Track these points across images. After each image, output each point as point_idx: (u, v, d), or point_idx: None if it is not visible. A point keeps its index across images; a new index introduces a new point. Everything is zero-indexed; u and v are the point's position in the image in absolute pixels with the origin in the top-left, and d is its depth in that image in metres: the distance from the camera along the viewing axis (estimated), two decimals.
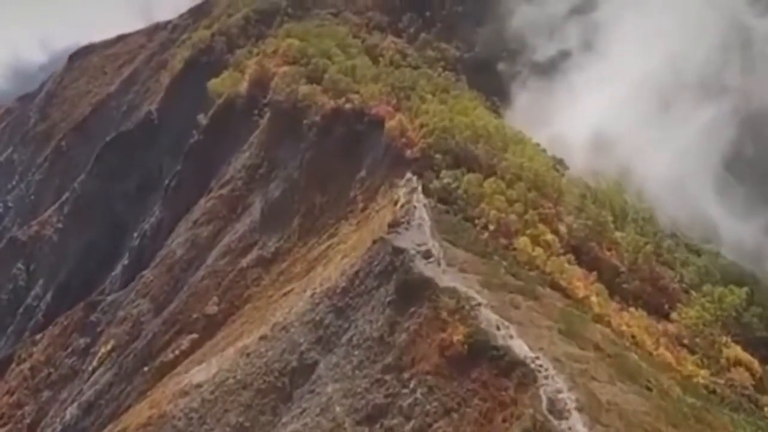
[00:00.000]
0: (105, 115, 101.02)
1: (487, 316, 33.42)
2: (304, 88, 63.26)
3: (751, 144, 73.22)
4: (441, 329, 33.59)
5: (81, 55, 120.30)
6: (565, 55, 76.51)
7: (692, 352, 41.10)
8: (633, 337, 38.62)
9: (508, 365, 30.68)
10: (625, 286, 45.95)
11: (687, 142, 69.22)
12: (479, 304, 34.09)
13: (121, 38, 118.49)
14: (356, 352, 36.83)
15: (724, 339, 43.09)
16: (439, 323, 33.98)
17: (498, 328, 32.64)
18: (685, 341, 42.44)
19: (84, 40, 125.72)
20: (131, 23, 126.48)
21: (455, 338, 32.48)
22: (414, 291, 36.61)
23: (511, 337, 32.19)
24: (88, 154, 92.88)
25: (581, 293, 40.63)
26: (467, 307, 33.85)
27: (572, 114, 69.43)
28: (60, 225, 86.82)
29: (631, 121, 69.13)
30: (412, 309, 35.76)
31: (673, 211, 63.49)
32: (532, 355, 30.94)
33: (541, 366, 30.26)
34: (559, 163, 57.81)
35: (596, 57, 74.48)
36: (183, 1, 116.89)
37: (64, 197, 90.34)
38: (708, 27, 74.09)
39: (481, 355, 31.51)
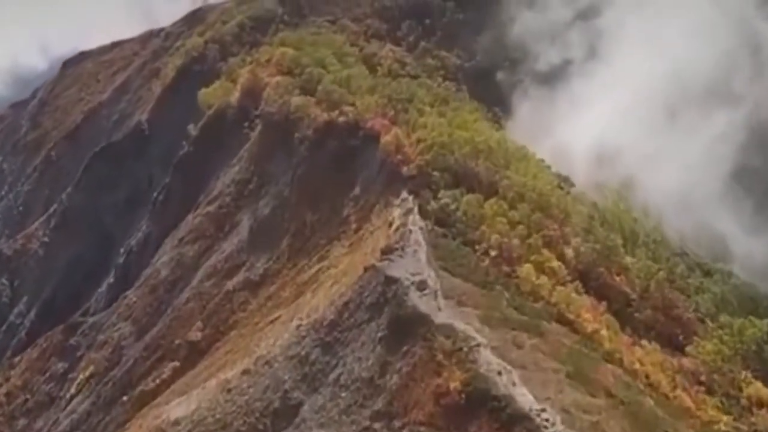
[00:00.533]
0: (96, 124, 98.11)
1: (488, 359, 30.21)
2: (296, 100, 60.31)
3: (761, 154, 70.49)
4: (436, 373, 30.40)
5: (74, 62, 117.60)
6: (567, 62, 73.94)
7: (710, 392, 37.80)
8: (647, 377, 35.36)
9: (510, 419, 27.45)
10: (636, 315, 42.86)
11: (694, 152, 66.66)
12: (478, 345, 30.91)
13: (115, 45, 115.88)
14: (344, 394, 33.67)
15: (743, 374, 39.94)
16: (434, 366, 30.80)
17: (499, 374, 29.41)
18: (702, 378, 39.23)
19: (84, 46, 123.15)
20: (134, 29, 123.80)
21: (452, 385, 29.26)
22: (407, 327, 33.47)
23: (514, 384, 28.97)
24: (79, 164, 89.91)
25: (590, 327, 37.38)
26: (465, 348, 30.67)
27: (575, 124, 67.12)
28: (46, 239, 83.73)
29: (636, 131, 66.68)
30: (405, 348, 32.60)
31: (680, 225, 61.04)
32: (538, 407, 27.69)
33: (547, 420, 27.02)
34: (564, 181, 54.75)
35: (600, 64, 72.07)
36: (184, 5, 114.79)
37: (51, 209, 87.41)
38: (715, 32, 71.51)
39: (481, 406, 28.28)
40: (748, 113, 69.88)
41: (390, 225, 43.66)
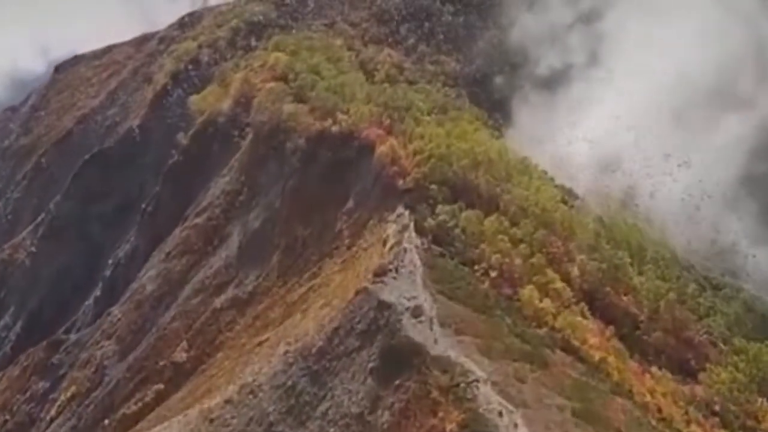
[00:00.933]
0: (88, 130, 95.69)
1: (487, 397, 27.74)
2: (288, 108, 57.94)
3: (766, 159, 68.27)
4: (431, 412, 27.94)
5: (68, 65, 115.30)
6: (568, 67, 71.74)
7: (726, 424, 35.41)
8: (659, 410, 32.88)
9: None
10: (645, 338, 40.51)
11: (698, 158, 64.41)
12: (477, 380, 28.43)
13: (109, 49, 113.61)
14: (332, 430, 31.26)
15: (760, 402, 37.52)
16: (429, 403, 28.33)
17: (500, 415, 26.92)
18: (717, 408, 36.83)
19: (84, 49, 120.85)
20: (134, 30, 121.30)
21: (448, 426, 26.80)
22: (400, 358, 31.05)
23: (516, 426, 26.49)
24: (69, 171, 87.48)
25: (597, 355, 34.91)
26: (463, 384, 28.21)
27: (576, 130, 64.89)
28: (33, 249, 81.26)
29: (639, 137, 64.47)
30: (398, 382, 30.16)
31: (685, 234, 58.81)
32: None
33: None
34: (568, 194, 52.27)
35: (601, 68, 69.85)
36: (184, 6, 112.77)
37: (39, 218, 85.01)
38: (719, 35, 69.23)
39: None
40: (754, 117, 67.75)
41: (384, 243, 41.22)
